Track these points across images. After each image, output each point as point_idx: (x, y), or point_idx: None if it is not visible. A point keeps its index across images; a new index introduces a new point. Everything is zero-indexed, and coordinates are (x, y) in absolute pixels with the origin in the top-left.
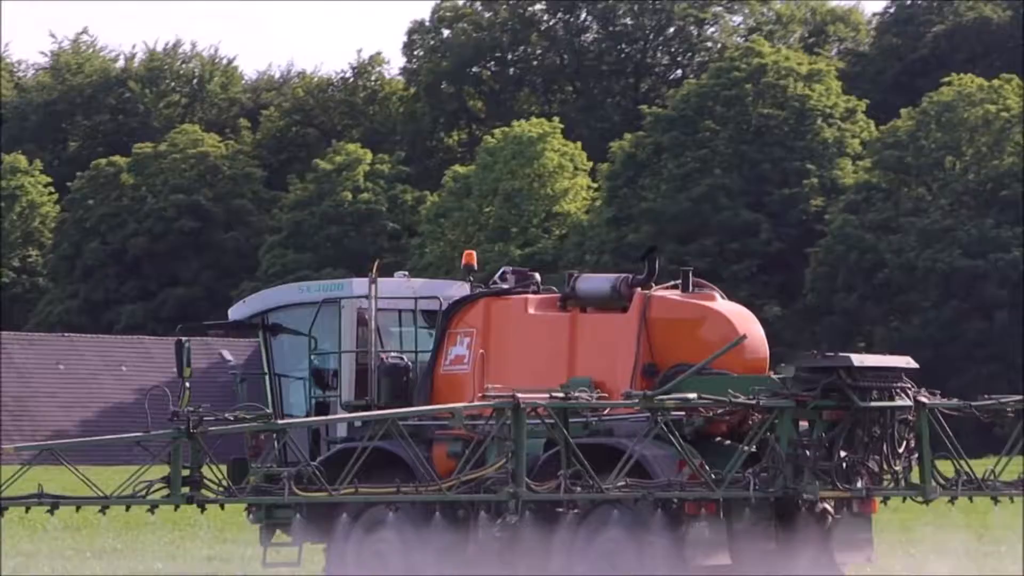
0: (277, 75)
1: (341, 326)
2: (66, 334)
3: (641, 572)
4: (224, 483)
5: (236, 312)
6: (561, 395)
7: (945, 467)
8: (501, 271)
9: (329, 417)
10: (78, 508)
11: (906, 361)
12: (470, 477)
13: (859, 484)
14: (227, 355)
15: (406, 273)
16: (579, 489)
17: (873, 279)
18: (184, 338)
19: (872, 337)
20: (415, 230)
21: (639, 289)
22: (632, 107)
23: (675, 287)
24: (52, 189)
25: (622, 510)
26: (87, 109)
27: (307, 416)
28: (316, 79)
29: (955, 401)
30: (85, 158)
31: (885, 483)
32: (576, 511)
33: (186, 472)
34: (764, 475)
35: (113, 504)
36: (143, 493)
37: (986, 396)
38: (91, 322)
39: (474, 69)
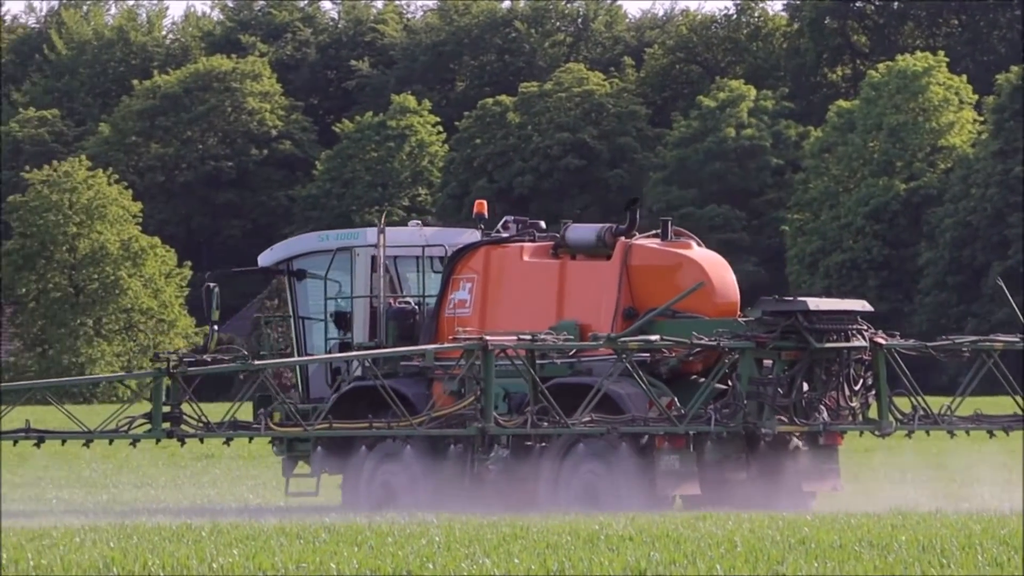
0: (660, 13)
1: (353, 272)
2: None
3: (617, 501)
4: (203, 419)
5: (264, 259)
6: (528, 337)
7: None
8: (503, 220)
9: (310, 358)
10: (63, 442)
11: (861, 305)
12: (440, 413)
13: (818, 419)
14: None
15: (419, 222)
16: (546, 424)
17: None
18: (211, 284)
19: None
20: (799, 165)
21: (622, 238)
22: (1019, 39)
23: (656, 236)
24: (440, 129)
25: (595, 444)
26: (474, 49)
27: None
28: (699, 16)
29: (911, 342)
30: (472, 98)
31: (843, 418)
32: (543, 444)
33: (167, 409)
34: (726, 411)
35: (97, 438)
36: (125, 428)
37: (943, 337)
38: None
39: (858, 4)
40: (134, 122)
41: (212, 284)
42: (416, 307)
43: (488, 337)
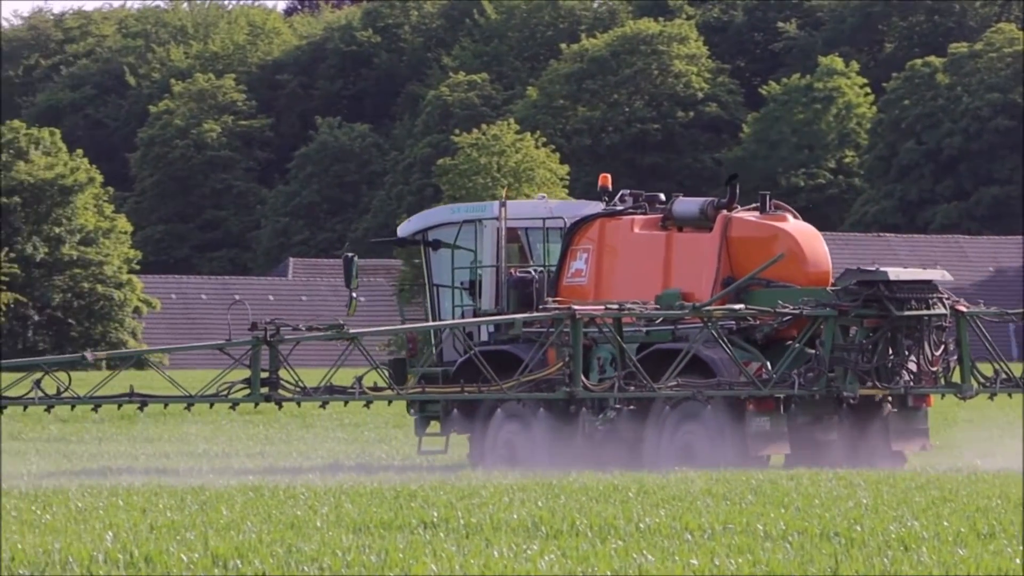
0: None
1: (480, 243)
2: (880, 234)
3: (713, 461)
4: (300, 384)
5: (403, 229)
6: (615, 306)
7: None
8: (620, 193)
9: (403, 326)
10: (166, 405)
11: (941, 275)
12: (529, 378)
13: (900, 383)
14: None
15: (544, 196)
16: (633, 388)
17: None
18: (350, 254)
19: None
20: None
21: (723, 211)
22: None
23: (756, 209)
24: (868, 90)
25: (692, 406)
26: (903, 10)
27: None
28: None
29: (993, 309)
30: (900, 59)
31: (926, 382)
32: (632, 407)
33: (265, 375)
34: (810, 375)
35: (197, 402)
36: (225, 392)
37: None
38: (906, 222)
39: None
40: (562, 85)
41: (351, 254)
42: (536, 276)
43: (575, 306)
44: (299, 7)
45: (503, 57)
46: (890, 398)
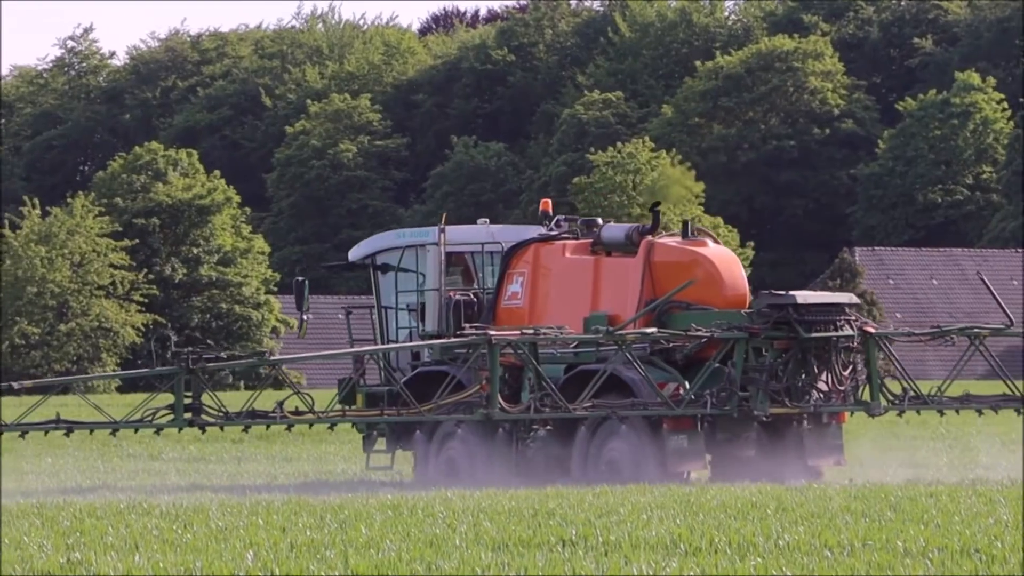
0: None
1: (422, 267)
2: (1019, 250)
3: (636, 477)
4: (223, 409)
5: (353, 254)
6: (531, 331)
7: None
8: (556, 219)
9: (326, 352)
10: (91, 431)
11: (848, 298)
12: (447, 401)
13: (810, 401)
14: None
15: (486, 220)
16: (548, 409)
17: None
18: (300, 278)
19: None
20: None
21: (648, 237)
22: None
23: (678, 235)
24: (1005, 106)
25: (615, 424)
26: None
27: (404, 342)
28: None
29: (900, 330)
30: None
31: (836, 400)
32: (548, 427)
33: (188, 400)
34: (722, 395)
35: (122, 428)
36: (150, 418)
37: (933, 325)
38: None
39: None
40: (697, 103)
41: (301, 279)
42: (475, 299)
43: (492, 332)
44: (433, 27)
45: (637, 75)
46: (805, 415)
